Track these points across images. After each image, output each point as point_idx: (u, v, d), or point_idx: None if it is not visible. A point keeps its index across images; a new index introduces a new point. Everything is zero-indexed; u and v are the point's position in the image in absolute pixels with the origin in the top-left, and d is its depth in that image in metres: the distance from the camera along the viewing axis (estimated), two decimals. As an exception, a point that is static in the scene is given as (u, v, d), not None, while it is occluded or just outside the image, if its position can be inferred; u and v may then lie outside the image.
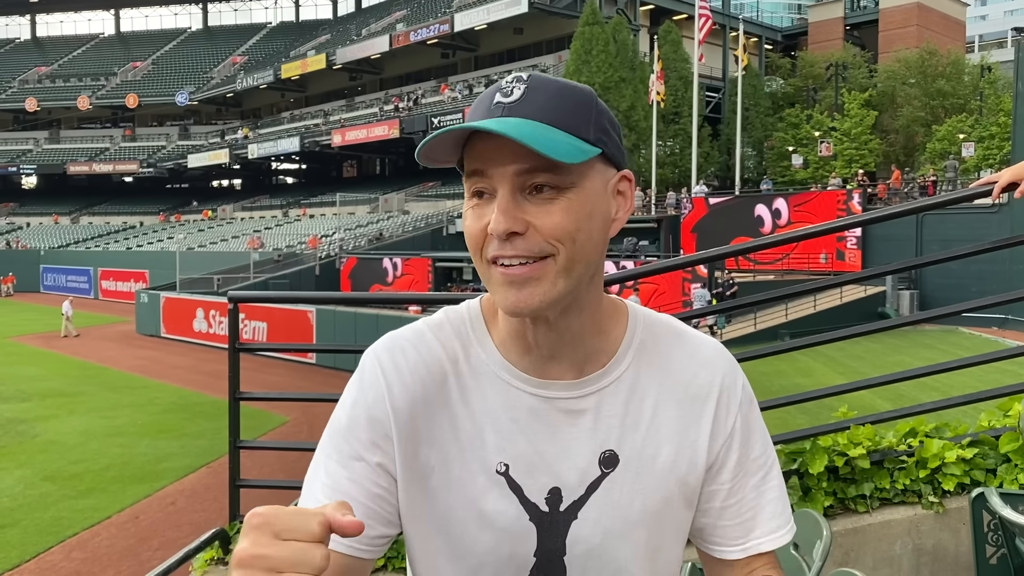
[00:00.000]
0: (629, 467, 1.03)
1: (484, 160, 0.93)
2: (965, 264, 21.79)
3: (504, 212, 0.91)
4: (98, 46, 76.22)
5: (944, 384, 9.71)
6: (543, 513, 1.01)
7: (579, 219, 0.93)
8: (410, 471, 1.01)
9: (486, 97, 0.96)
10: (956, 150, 37.03)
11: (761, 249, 2.87)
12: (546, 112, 0.93)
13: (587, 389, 1.03)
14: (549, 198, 0.93)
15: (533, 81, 0.95)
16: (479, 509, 1.00)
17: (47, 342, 28.49)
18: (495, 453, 1.00)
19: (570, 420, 1.02)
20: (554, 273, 0.93)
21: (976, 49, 67.39)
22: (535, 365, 1.02)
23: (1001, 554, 2.77)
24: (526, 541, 1.01)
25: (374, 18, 61.48)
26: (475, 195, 0.96)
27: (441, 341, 1.04)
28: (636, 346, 1.06)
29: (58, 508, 11.21)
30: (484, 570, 1.02)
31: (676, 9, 46.01)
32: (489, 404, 1.01)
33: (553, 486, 1.01)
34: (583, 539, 1.02)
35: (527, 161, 0.91)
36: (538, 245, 0.92)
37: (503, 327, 1.03)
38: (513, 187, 0.92)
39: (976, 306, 3.34)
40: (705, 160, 41.34)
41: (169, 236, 52.42)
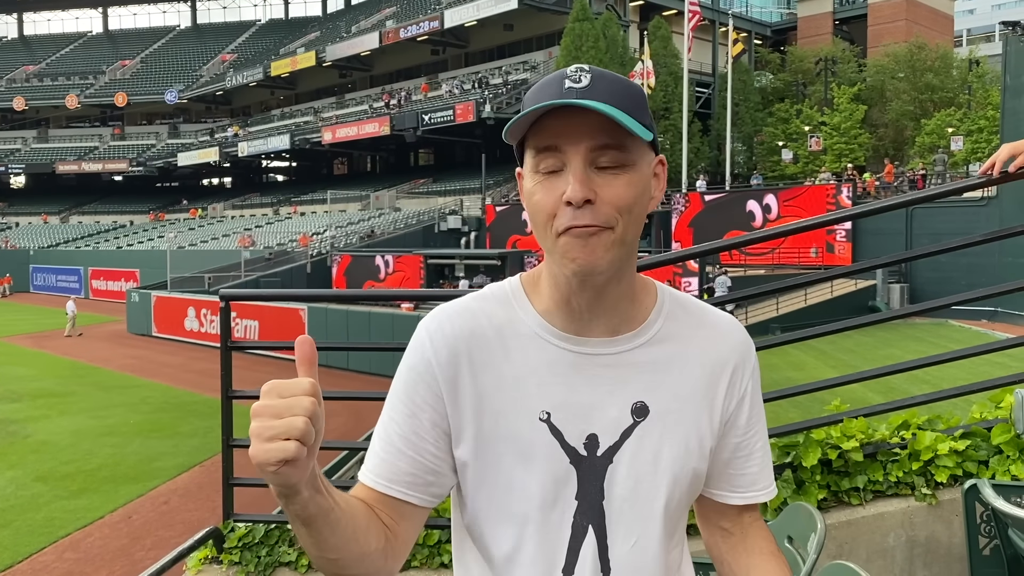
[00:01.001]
0: (657, 418, 1.15)
1: (558, 136, 1.04)
2: (955, 257, 21.89)
3: (581, 182, 1.03)
4: (86, 44, 75.84)
5: (935, 377, 9.74)
6: (582, 457, 1.12)
7: (637, 194, 1.07)
8: (461, 425, 1.13)
9: (554, 82, 1.07)
10: (945, 144, 37.18)
11: (752, 243, 2.89)
12: (614, 97, 1.04)
13: (621, 347, 1.15)
14: (616, 174, 1.05)
15: (595, 71, 1.06)
16: (525, 453, 1.11)
17: (38, 342, 28.37)
18: (538, 401, 1.12)
19: (605, 373, 1.14)
20: (612, 241, 1.05)
21: (964, 43, 67.63)
22: (575, 326, 1.14)
23: (994, 545, 2.79)
24: (568, 483, 1.12)
25: (364, 15, 61.33)
26: (545, 172, 1.06)
27: (485, 310, 1.17)
28: (665, 314, 1.19)
29: (50, 508, 11.18)
30: (531, 517, 1.12)
31: (666, 4, 46.04)
32: (531, 359, 1.13)
33: (591, 432, 1.13)
34: (618, 482, 1.13)
35: (600, 139, 1.04)
36: (605, 214, 1.04)
37: (548, 295, 1.15)
38: (586, 161, 1.04)
39: (966, 299, 3.35)
40: (695, 155, 41.40)
41: (160, 235, 52.23)
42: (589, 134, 1.04)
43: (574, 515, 1.13)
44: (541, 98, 1.05)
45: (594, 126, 1.03)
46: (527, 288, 1.19)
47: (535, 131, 1.07)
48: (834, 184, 31.33)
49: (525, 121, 1.06)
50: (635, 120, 1.04)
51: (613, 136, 1.03)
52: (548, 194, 1.06)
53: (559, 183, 1.05)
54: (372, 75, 57.85)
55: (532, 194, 1.08)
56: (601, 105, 1.01)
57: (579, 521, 1.13)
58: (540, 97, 1.06)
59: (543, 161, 1.06)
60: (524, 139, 1.10)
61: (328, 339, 23.03)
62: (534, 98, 1.07)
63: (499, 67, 48.22)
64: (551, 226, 1.06)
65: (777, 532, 2.35)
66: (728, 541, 1.28)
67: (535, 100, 1.06)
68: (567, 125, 1.04)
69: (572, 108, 1.03)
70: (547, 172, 1.06)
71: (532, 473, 1.12)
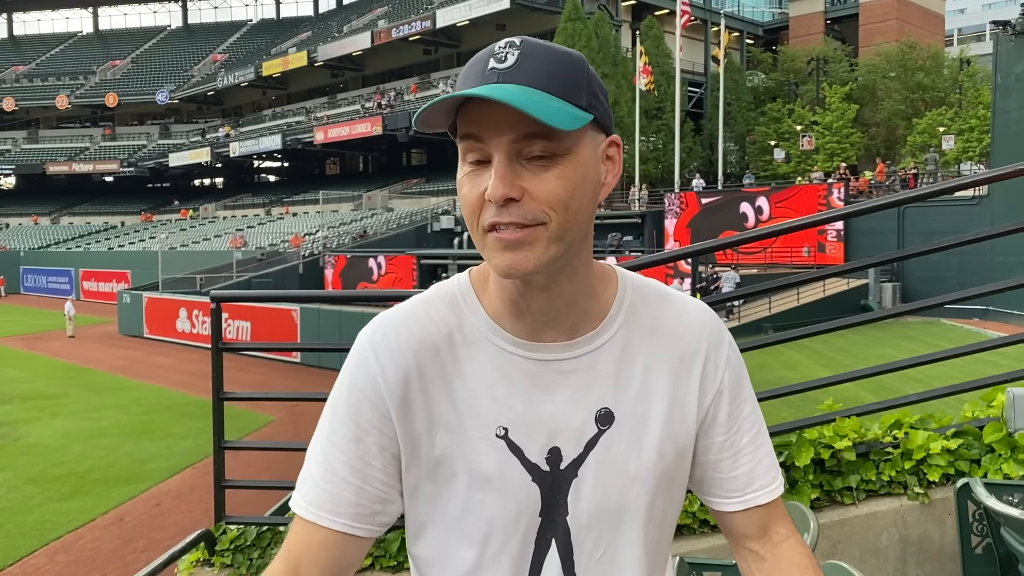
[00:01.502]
0: (624, 424, 1.05)
1: (480, 125, 0.94)
2: (947, 256, 21.98)
3: (502, 179, 0.92)
4: (76, 44, 75.52)
5: (928, 375, 9.78)
6: (544, 473, 1.03)
7: (573, 186, 0.95)
8: (412, 447, 1.03)
9: (480, 61, 0.96)
10: (936, 143, 37.33)
11: (744, 243, 2.89)
12: (540, 78, 0.93)
13: (580, 350, 1.05)
14: (544, 166, 0.94)
15: (526, 47, 0.95)
16: (483, 474, 1.02)
17: (29, 344, 28.26)
18: (493, 417, 1.02)
19: (565, 380, 1.04)
20: (546, 239, 0.94)
21: (955, 43, 67.86)
22: (528, 330, 1.04)
23: (986, 544, 2.79)
24: (530, 502, 1.03)
25: (355, 15, 61.23)
26: (471, 162, 0.96)
27: (432, 316, 1.06)
28: (626, 308, 1.08)
29: (41, 511, 11.12)
30: (493, 537, 1.04)
31: (658, 4, 46.08)
32: (484, 371, 1.03)
33: (552, 446, 1.03)
34: (584, 496, 1.04)
35: (523, 128, 0.92)
36: (532, 212, 0.93)
37: (496, 295, 1.05)
38: (510, 154, 0.93)
39: (958, 298, 3.36)
40: (688, 155, 41.46)
41: (151, 236, 52.08)
42: (510, 124, 0.92)
43: (537, 531, 1.04)
44: (464, 81, 0.96)
45: (517, 115, 0.90)
46: (476, 287, 1.08)
47: (461, 116, 0.96)
48: (825, 185, 31.38)
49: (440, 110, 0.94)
50: (565, 102, 0.93)
51: (540, 124, 0.90)
52: (473, 188, 0.96)
53: (484, 176, 0.95)
54: (364, 75, 57.76)
55: (461, 186, 0.98)
56: (513, 94, 0.89)
57: (543, 536, 1.05)
58: (464, 80, 0.96)
59: (469, 151, 0.96)
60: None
61: (321, 340, 22.99)
62: (459, 82, 0.97)
63: (492, 67, 48.15)
64: (477, 221, 0.96)
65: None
66: (761, 568, 1.14)
67: (459, 83, 0.96)
68: (488, 113, 0.92)
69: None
70: (474, 163, 0.96)
71: (491, 494, 1.02)
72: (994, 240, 3.19)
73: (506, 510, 1.03)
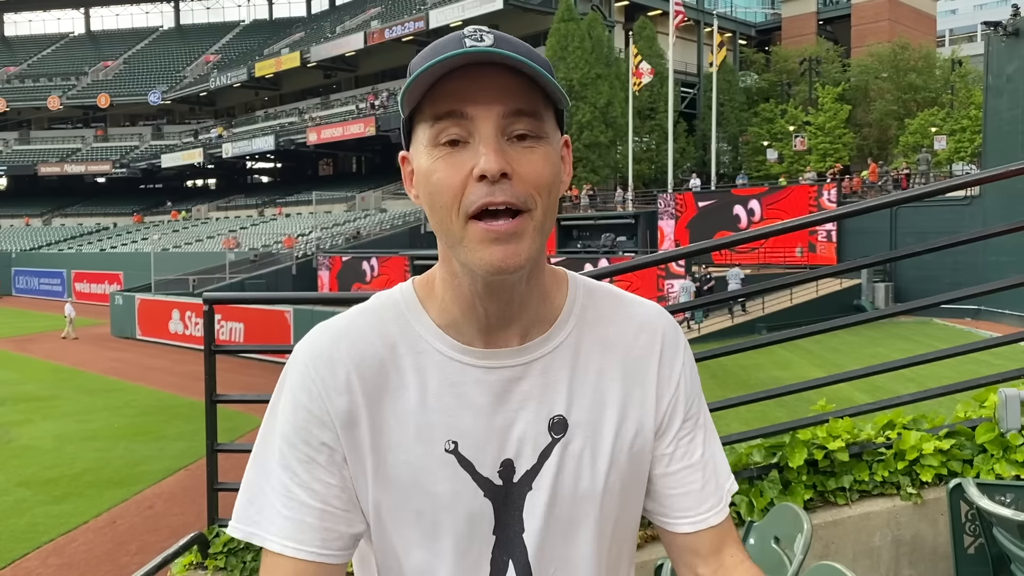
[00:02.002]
0: (579, 432, 1.01)
1: (463, 100, 0.88)
2: (939, 256, 22.02)
3: (496, 151, 0.87)
4: (68, 45, 75.28)
5: (921, 375, 9.79)
6: (497, 487, 0.98)
7: (554, 171, 0.92)
8: (361, 464, 0.97)
9: (450, 41, 0.90)
10: (928, 143, 37.46)
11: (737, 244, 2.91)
12: (523, 54, 0.89)
13: (531, 355, 1.00)
14: (529, 146, 0.90)
15: (497, 33, 0.91)
16: (433, 492, 0.97)
17: (20, 346, 28.15)
18: (442, 432, 0.97)
19: (516, 388, 0.99)
20: (532, 229, 0.91)
21: (947, 43, 68.15)
22: (479, 335, 0.99)
23: (979, 544, 2.80)
24: (483, 519, 0.98)
25: (348, 15, 61.18)
26: (446, 143, 0.90)
27: (375, 327, 1.00)
28: (577, 311, 1.04)
29: (33, 514, 11.08)
30: (446, 554, 0.98)
31: (651, 5, 46.16)
32: (431, 383, 0.98)
33: (505, 458, 0.99)
34: (539, 511, 0.99)
35: (515, 102, 0.88)
36: (523, 193, 0.89)
37: (449, 299, 0.99)
38: (499, 128, 0.88)
39: (950, 298, 3.37)
40: (681, 155, 41.53)
41: (143, 237, 51.90)
42: (500, 97, 0.88)
43: (492, 551, 0.99)
44: (435, 55, 0.88)
45: (507, 88, 0.87)
46: (421, 295, 1.02)
47: (432, 98, 0.90)
48: (815, 187, 31.47)
49: (424, 82, 0.88)
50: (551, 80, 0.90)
51: (528, 101, 0.88)
52: (453, 169, 0.89)
53: (464, 156, 0.89)
54: (357, 75, 57.72)
55: (431, 172, 0.90)
56: (519, 57, 0.86)
57: (498, 556, 1.00)
58: (436, 56, 0.88)
59: (445, 130, 0.89)
60: (414, 113, 0.93)
61: (314, 341, 22.94)
62: (428, 57, 0.90)
63: (485, 68, 48.21)
64: (458, 208, 0.89)
65: (764, 533, 2.35)
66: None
67: (429, 60, 0.88)
68: (474, 86, 0.88)
69: (480, 67, 0.87)
70: (448, 143, 0.89)
71: (442, 512, 0.97)
72: (986, 240, 3.20)
73: (457, 529, 0.98)
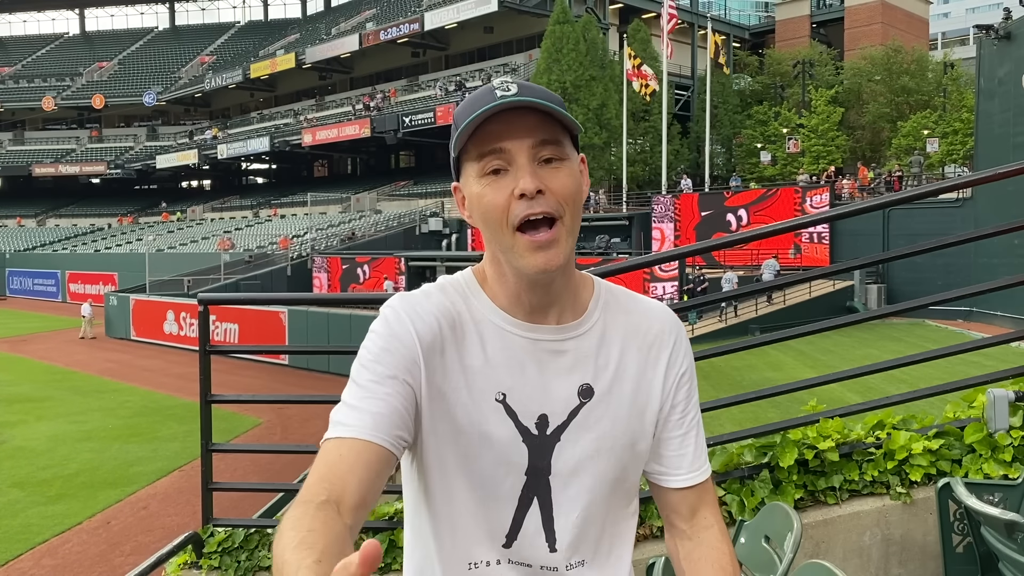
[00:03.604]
0: (602, 399, 1.25)
1: (500, 138, 1.14)
2: (931, 258, 22.11)
3: (532, 175, 1.14)
4: (63, 46, 75.09)
5: (912, 376, 9.85)
6: (533, 435, 1.21)
7: (577, 183, 1.18)
8: (431, 394, 1.18)
9: (485, 95, 1.16)
10: (921, 146, 37.56)
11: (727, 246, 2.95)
12: (544, 97, 1.15)
13: (567, 335, 1.24)
14: (555, 167, 1.16)
15: (519, 82, 1.16)
16: (483, 430, 1.19)
17: (15, 346, 28.07)
18: (495, 384, 1.20)
19: (554, 359, 1.23)
20: (565, 234, 1.16)
21: (939, 46, 68.34)
22: (526, 316, 1.23)
23: (967, 542, 2.83)
24: (519, 459, 1.21)
25: (344, 17, 61.14)
26: (490, 173, 1.16)
27: (448, 296, 1.25)
28: (602, 304, 1.29)
29: (27, 515, 11.06)
30: (486, 482, 1.21)
31: (645, 8, 46.22)
32: (488, 345, 1.22)
33: (542, 413, 1.22)
34: (564, 458, 1.22)
35: (540, 135, 1.15)
36: (555, 204, 1.15)
37: (498, 289, 1.24)
38: (531, 156, 1.15)
39: (942, 299, 3.40)
40: (675, 157, 41.57)
41: (138, 238, 51.80)
42: (529, 132, 1.14)
43: (522, 488, 1.22)
44: (474, 108, 1.15)
45: (533, 124, 1.14)
46: (480, 280, 1.28)
47: (476, 140, 1.16)
48: (799, 195, 31.55)
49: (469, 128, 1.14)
50: (566, 115, 1.16)
51: (550, 132, 1.15)
52: (498, 192, 1.15)
53: (507, 181, 1.15)
54: (352, 77, 57.68)
55: (482, 196, 1.17)
56: (539, 101, 1.13)
57: (526, 494, 1.22)
58: (473, 108, 1.15)
59: (489, 163, 1.16)
60: (462, 153, 1.19)
61: (309, 342, 22.94)
62: (466, 112, 1.16)
63: (480, 69, 48.22)
64: (506, 221, 1.15)
65: (755, 531, 2.37)
66: (684, 546, 1.33)
67: (467, 112, 1.16)
68: (508, 127, 1.14)
69: (511, 112, 1.13)
70: (493, 172, 1.16)
71: (487, 447, 1.19)
72: (978, 242, 3.24)
73: (498, 463, 1.20)
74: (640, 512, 2.78)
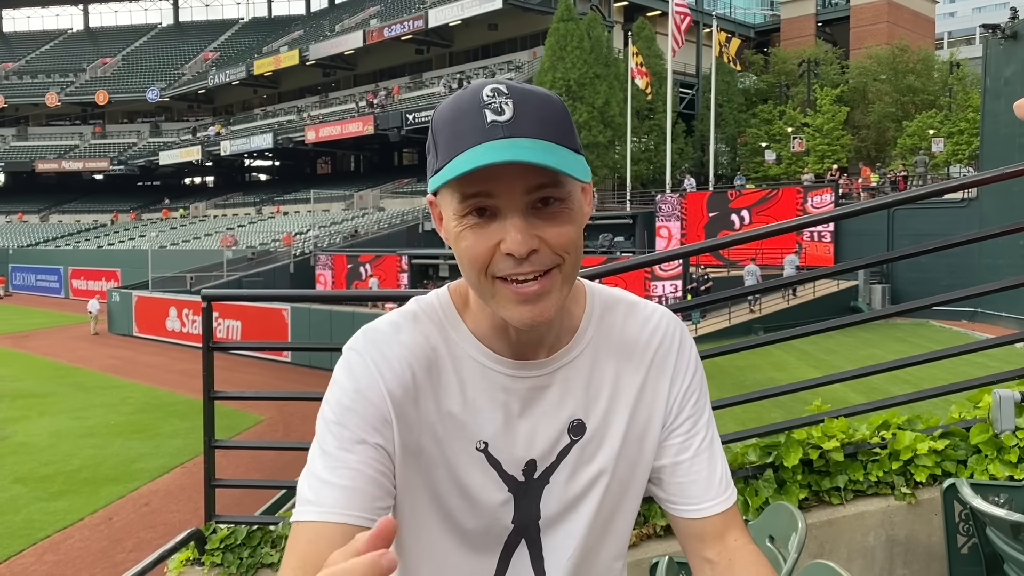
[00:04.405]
0: (595, 433, 1.11)
1: (491, 182, 0.92)
2: (935, 258, 22.06)
3: (523, 232, 0.93)
4: (66, 42, 75.18)
5: (916, 376, 9.82)
6: (520, 483, 1.09)
7: (579, 227, 0.99)
8: (405, 450, 1.04)
9: (473, 112, 0.93)
10: (926, 145, 37.50)
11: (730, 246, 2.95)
12: (543, 128, 0.94)
13: (556, 364, 1.09)
14: (555, 212, 0.96)
15: (515, 94, 0.94)
16: (463, 483, 1.07)
17: (18, 342, 28.12)
18: (475, 432, 1.06)
19: (542, 396, 1.08)
20: (560, 282, 0.98)
21: (945, 46, 68.24)
22: (509, 350, 1.07)
23: (972, 543, 2.82)
24: (505, 510, 1.09)
25: (347, 14, 61.13)
26: (474, 213, 0.95)
27: (420, 329, 1.07)
28: (595, 320, 1.13)
29: (29, 511, 11.08)
30: (469, 536, 1.09)
31: (650, 5, 46.17)
32: (468, 387, 1.07)
33: (529, 459, 1.09)
34: (553, 501, 1.10)
35: (535, 180, 0.93)
36: (549, 259, 0.96)
37: (480, 319, 1.07)
38: (525, 206, 0.94)
39: (947, 300, 3.38)
40: (679, 156, 41.52)
41: (141, 234, 51.85)
42: (523, 176, 0.92)
43: (507, 537, 1.11)
44: (461, 134, 0.93)
45: (531, 169, 0.91)
46: (457, 304, 1.10)
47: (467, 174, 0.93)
48: (801, 196, 31.55)
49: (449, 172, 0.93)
50: (570, 151, 0.95)
51: (549, 175, 0.93)
52: (481, 240, 0.95)
53: (492, 230, 0.94)
54: (356, 74, 57.68)
55: (460, 239, 0.96)
56: (537, 153, 0.90)
57: (513, 540, 1.11)
58: (459, 132, 0.93)
59: (476, 205, 0.94)
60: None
61: (311, 340, 22.96)
62: (451, 133, 0.95)
63: (484, 67, 48.19)
64: (485, 271, 0.96)
65: (758, 532, 2.36)
66: (715, 571, 1.13)
67: (453, 135, 0.94)
68: (500, 170, 0.91)
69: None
70: (476, 212, 0.95)
71: (468, 501, 1.07)
72: (983, 242, 3.22)
73: (481, 516, 1.09)
74: (642, 511, 2.77)
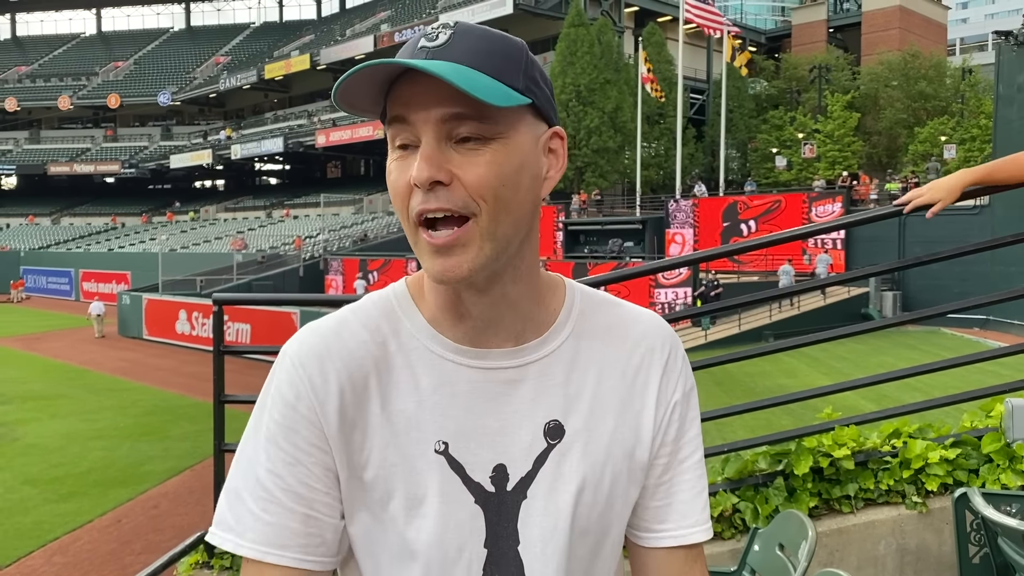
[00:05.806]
0: (576, 439, 0.96)
1: (406, 105, 0.87)
2: (947, 265, 21.96)
3: (428, 159, 0.85)
4: (79, 46, 75.67)
5: (927, 385, 9.78)
6: (489, 494, 0.93)
7: (504, 173, 0.87)
8: (349, 467, 0.92)
9: (410, 43, 0.90)
10: (938, 152, 37.38)
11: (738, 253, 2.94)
12: (473, 56, 0.87)
13: (527, 358, 0.96)
14: (474, 148, 0.86)
15: (460, 27, 0.90)
16: (420, 495, 0.92)
17: (28, 344, 28.25)
18: (433, 432, 0.93)
19: (512, 391, 0.95)
20: (479, 236, 0.87)
21: (957, 52, 67.98)
22: (470, 335, 0.95)
23: (984, 553, 2.79)
24: (474, 529, 0.93)
25: (359, 18, 61.36)
26: (400, 147, 0.89)
27: (366, 325, 0.96)
28: (575, 316, 1.01)
29: (39, 512, 11.11)
30: (433, 565, 0.92)
31: (660, 11, 46.18)
32: (422, 382, 0.94)
33: (498, 462, 0.94)
34: (533, 521, 0.94)
35: (452, 106, 0.85)
36: (462, 199, 0.86)
37: (433, 300, 0.97)
38: (438, 134, 0.86)
39: (958, 307, 3.36)
40: (690, 161, 41.50)
41: (151, 237, 52.09)
42: (438, 101, 0.85)
43: (483, 568, 0.94)
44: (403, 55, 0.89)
45: (446, 92, 0.84)
46: (414, 293, 0.99)
47: (390, 98, 0.89)
48: (807, 205, 31.46)
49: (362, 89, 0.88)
50: (497, 82, 0.87)
51: (470, 104, 0.84)
52: (401, 173, 0.89)
53: (411, 161, 0.87)
54: (367, 79, 57.82)
55: (389, 173, 0.91)
56: (442, 67, 0.83)
57: (489, 572, 0.94)
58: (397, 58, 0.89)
59: (398, 134, 0.89)
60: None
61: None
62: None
63: (494, 72, 48.26)
64: (408, 213, 0.89)
65: (768, 539, 2.36)
66: None
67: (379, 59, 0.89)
68: (415, 92, 0.86)
69: (422, 72, 0.84)
70: (402, 147, 0.89)
71: (427, 519, 0.92)
72: (995, 250, 3.21)
73: (444, 538, 0.92)
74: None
